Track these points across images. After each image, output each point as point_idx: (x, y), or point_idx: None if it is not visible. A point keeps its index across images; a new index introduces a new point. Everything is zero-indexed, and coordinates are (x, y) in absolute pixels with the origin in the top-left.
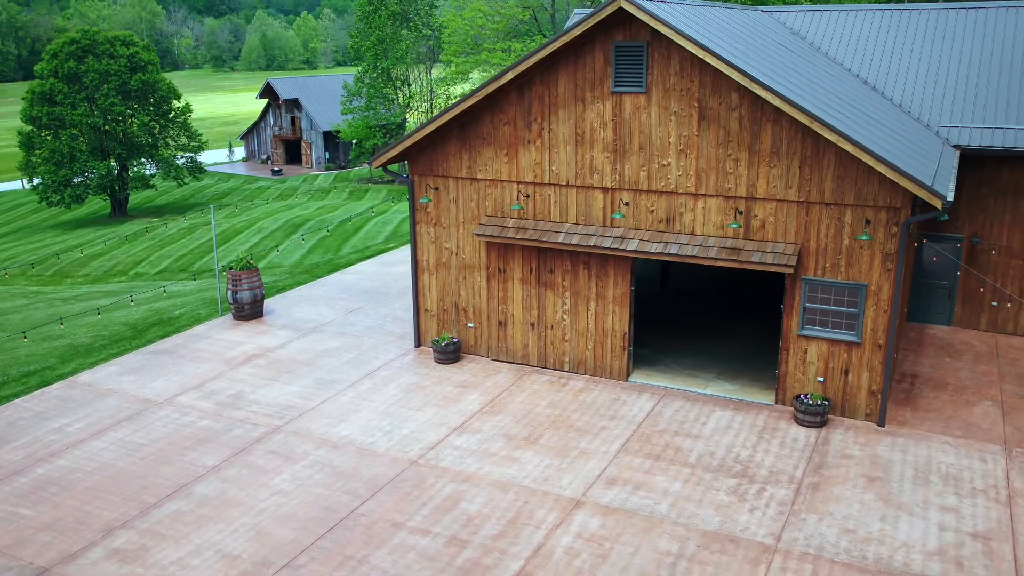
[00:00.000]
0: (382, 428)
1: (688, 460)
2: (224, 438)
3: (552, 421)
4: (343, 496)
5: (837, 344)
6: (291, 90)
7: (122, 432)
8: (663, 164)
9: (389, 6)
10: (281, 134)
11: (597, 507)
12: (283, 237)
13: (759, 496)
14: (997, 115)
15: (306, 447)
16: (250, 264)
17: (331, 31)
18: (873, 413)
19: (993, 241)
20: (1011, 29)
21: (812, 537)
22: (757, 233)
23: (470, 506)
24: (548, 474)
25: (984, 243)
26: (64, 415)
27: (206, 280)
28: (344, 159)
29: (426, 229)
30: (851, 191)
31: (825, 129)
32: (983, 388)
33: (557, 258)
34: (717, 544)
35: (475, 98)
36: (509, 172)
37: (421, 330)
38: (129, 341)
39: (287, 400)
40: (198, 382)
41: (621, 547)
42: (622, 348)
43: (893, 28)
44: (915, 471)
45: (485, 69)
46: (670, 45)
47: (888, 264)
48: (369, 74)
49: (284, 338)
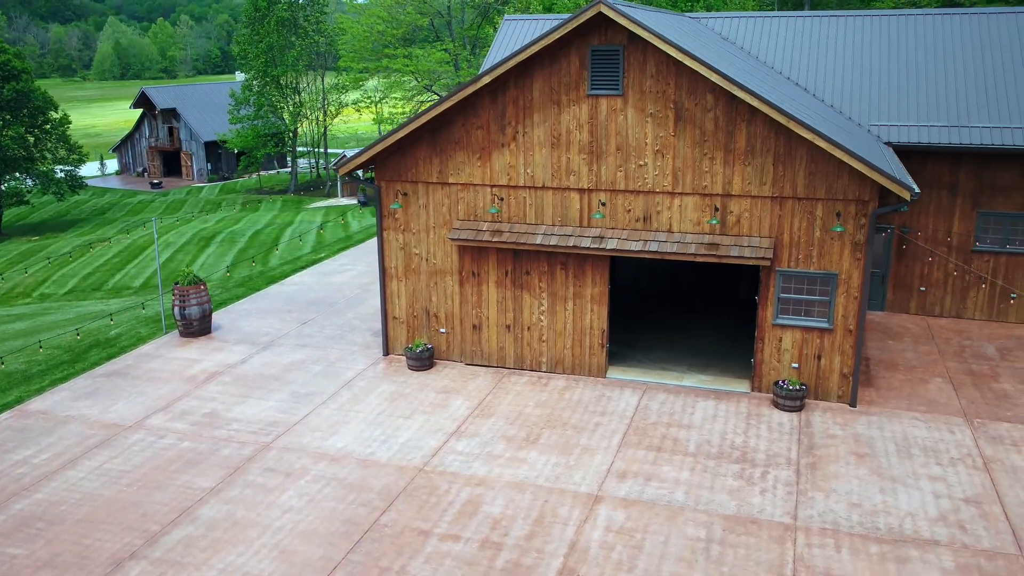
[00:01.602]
0: (377, 438)
1: (688, 449)
2: (213, 459)
3: (546, 421)
4: (359, 508)
5: (810, 331)
6: (168, 99)
7: (97, 460)
8: (640, 164)
9: (277, 12)
10: (158, 145)
11: (617, 500)
12: (197, 251)
13: (764, 479)
14: (920, 114)
15: (304, 462)
16: (197, 279)
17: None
18: (845, 395)
19: (920, 230)
20: (930, 35)
21: (825, 513)
22: (733, 228)
23: (492, 509)
24: (559, 472)
25: (912, 232)
26: (24, 446)
27: (129, 298)
28: (228, 170)
29: (394, 235)
30: (822, 186)
31: (801, 128)
32: (929, 367)
33: (533, 260)
34: (740, 527)
35: (447, 103)
36: (483, 176)
37: (390, 338)
38: (70, 365)
39: (268, 416)
40: (164, 403)
41: (652, 536)
42: (600, 346)
43: (815, 34)
44: (896, 446)
45: (387, 75)
46: (646, 49)
47: (857, 254)
48: (258, 82)
49: (242, 353)
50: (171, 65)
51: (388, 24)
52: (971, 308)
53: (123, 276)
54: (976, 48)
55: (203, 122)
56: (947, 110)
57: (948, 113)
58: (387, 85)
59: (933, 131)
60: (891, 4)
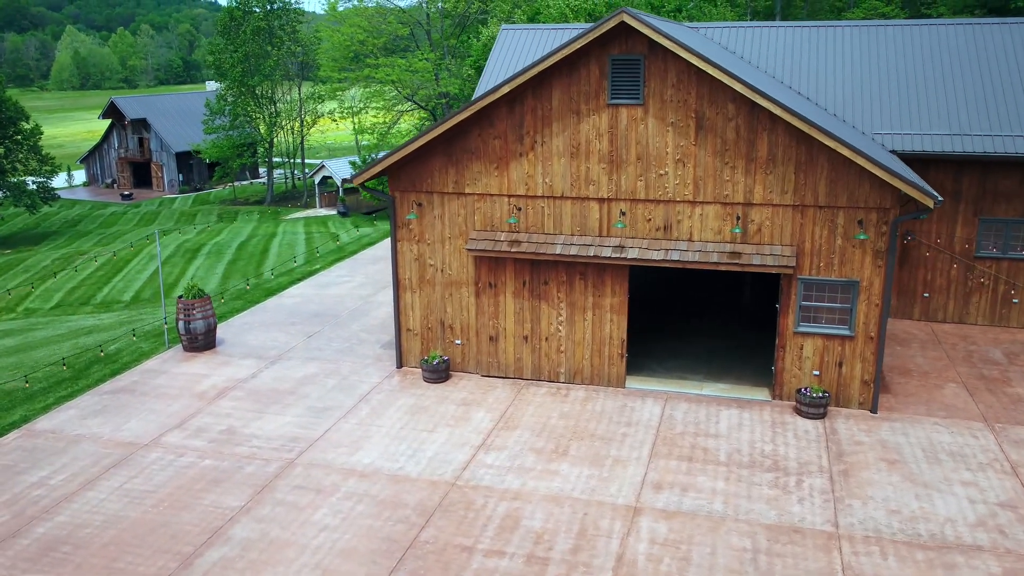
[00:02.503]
0: (403, 452)
1: (719, 459)
2: (237, 477)
3: (572, 432)
4: (397, 525)
5: (831, 338)
6: (138, 110)
7: (116, 480)
8: (660, 174)
9: (253, 21)
10: (128, 156)
11: (656, 512)
12: (184, 264)
13: (800, 487)
14: (923, 122)
15: (333, 479)
16: (201, 292)
17: (151, 48)
18: (866, 401)
19: (922, 237)
20: (929, 45)
21: (866, 521)
22: (754, 237)
23: (532, 523)
24: (593, 484)
25: (915, 239)
26: (38, 467)
27: (121, 311)
28: (200, 181)
29: (408, 246)
30: (843, 194)
31: (825, 136)
32: (942, 372)
33: (552, 269)
34: (784, 536)
35: (464, 114)
36: (500, 186)
37: (403, 350)
38: (73, 382)
39: (287, 431)
40: (178, 420)
41: (698, 548)
42: (620, 356)
43: (814, 43)
44: (924, 452)
45: (367, 84)
46: (667, 58)
47: (879, 261)
48: (233, 91)
49: (251, 367)
50: (132, 75)
51: (369, 33)
52: (974, 313)
53: (111, 290)
54: (975, 58)
55: (174, 132)
56: (948, 119)
57: (950, 122)
58: (367, 95)
59: (936, 139)
60: (861, 15)
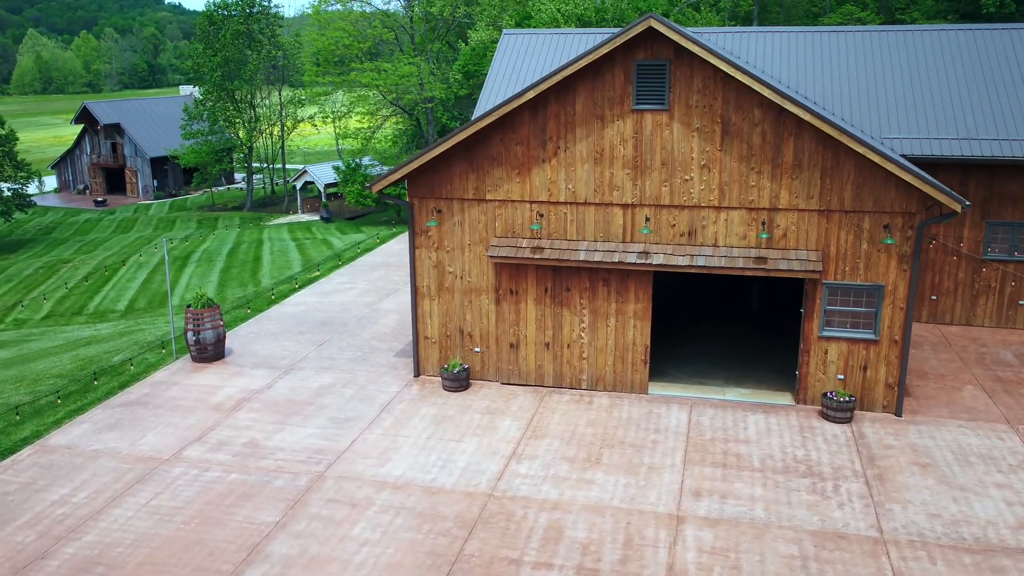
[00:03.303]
0: (434, 463)
1: (753, 464)
2: (267, 491)
3: (602, 440)
4: (439, 539)
5: (856, 343)
6: (111, 114)
7: (142, 496)
8: (685, 179)
9: (232, 25)
10: (101, 162)
11: (699, 520)
12: (175, 272)
13: (837, 492)
14: (930, 127)
15: (366, 492)
16: (211, 301)
17: (115, 52)
18: (890, 405)
19: (928, 239)
20: (935, 50)
21: (908, 525)
22: (780, 242)
23: (576, 533)
24: (632, 493)
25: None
26: (58, 484)
27: (117, 321)
28: (175, 187)
29: (427, 254)
30: (869, 199)
31: (854, 142)
32: (957, 374)
33: (574, 276)
34: (830, 542)
35: (486, 120)
36: (522, 192)
37: (421, 358)
38: (81, 395)
39: (311, 444)
40: (197, 433)
41: (746, 555)
42: (643, 362)
43: (821, 49)
44: (954, 455)
45: (350, 89)
46: (692, 63)
47: (904, 265)
48: (212, 96)
49: (265, 378)
50: (96, 79)
51: (355, 38)
52: (980, 316)
53: (103, 299)
54: (979, 63)
55: (148, 138)
56: (956, 123)
57: (957, 126)
58: (352, 99)
59: (944, 144)
60: (838, 20)
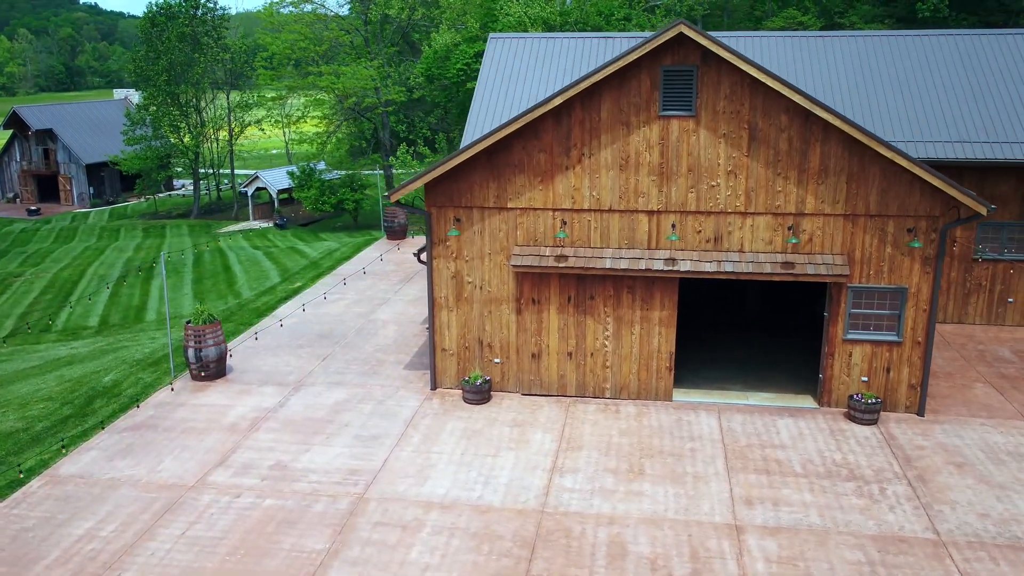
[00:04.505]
0: (475, 480)
1: (795, 470)
2: (308, 516)
3: (640, 450)
4: (502, 560)
5: (879, 345)
6: (43, 119)
7: (175, 527)
8: (712, 185)
9: (177, 27)
10: (32, 169)
11: (758, 528)
12: (142, 284)
13: (884, 495)
14: (924, 131)
15: (414, 512)
16: (212, 317)
17: (30, 54)
18: (912, 405)
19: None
20: (926, 55)
21: (962, 526)
22: (805, 247)
23: (640, 548)
24: (684, 503)
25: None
26: (80, 517)
27: (96, 339)
28: (113, 194)
29: (445, 264)
30: (894, 203)
31: (882, 147)
32: (963, 372)
33: (599, 284)
34: (892, 546)
35: (508, 129)
36: (544, 199)
37: (438, 371)
38: (79, 420)
39: (342, 464)
40: (218, 457)
41: (815, 564)
42: (667, 369)
43: (811, 53)
44: (984, 454)
45: (306, 93)
46: (720, 69)
47: (927, 268)
48: (157, 101)
49: (275, 395)
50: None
51: (311, 41)
52: (972, 314)
53: (70, 315)
54: (967, 68)
55: (83, 143)
56: (947, 127)
57: (949, 130)
58: (308, 103)
59: (938, 147)
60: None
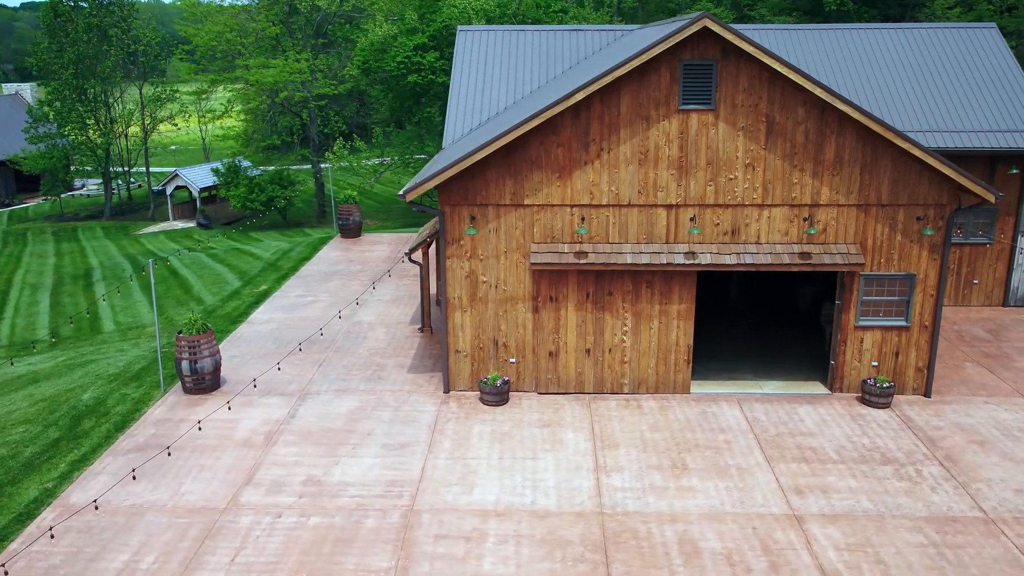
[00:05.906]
0: (523, 485)
1: (831, 456)
2: (363, 533)
3: (676, 445)
4: (579, 565)
5: (889, 330)
6: None
7: (221, 555)
8: (730, 178)
9: (83, 18)
10: None
11: (816, 517)
12: (83, 291)
13: (921, 476)
14: (897, 122)
15: (471, 522)
16: (205, 326)
17: None
18: (920, 387)
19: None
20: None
21: (1004, 503)
22: (820, 237)
23: (711, 544)
24: (736, 496)
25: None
26: (111, 549)
27: (55, 352)
28: (8, 195)
29: (459, 263)
30: (904, 192)
31: (897, 137)
32: (950, 352)
33: (617, 279)
34: (947, 527)
35: (526, 126)
36: (562, 196)
37: (451, 373)
38: (72, 443)
39: (378, 475)
40: (243, 476)
41: (883, 549)
42: (686, 362)
43: (778, 48)
44: (999, 431)
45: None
46: (739, 62)
47: (935, 255)
48: (62, 96)
49: (282, 406)
50: None
51: (237, 32)
52: None
53: (10, 328)
54: (937, 62)
55: None
56: (918, 118)
57: (920, 120)
58: (235, 97)
59: (918, 136)
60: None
